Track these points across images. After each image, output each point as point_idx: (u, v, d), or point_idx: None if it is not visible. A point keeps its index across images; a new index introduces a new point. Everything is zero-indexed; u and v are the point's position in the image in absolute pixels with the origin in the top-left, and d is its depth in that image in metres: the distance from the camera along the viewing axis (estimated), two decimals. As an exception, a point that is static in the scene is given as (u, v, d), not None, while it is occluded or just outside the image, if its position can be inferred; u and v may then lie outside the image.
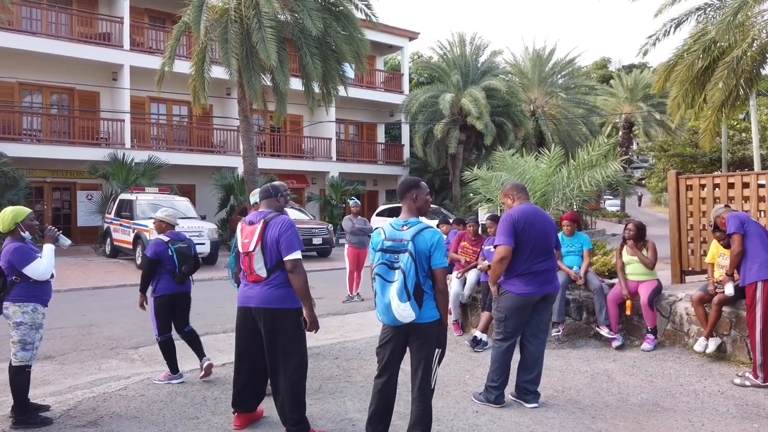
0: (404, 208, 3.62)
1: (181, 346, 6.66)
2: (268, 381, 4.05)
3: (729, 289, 5.35)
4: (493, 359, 4.54)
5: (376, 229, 3.60)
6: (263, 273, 3.79)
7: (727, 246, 5.53)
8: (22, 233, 4.25)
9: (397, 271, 3.35)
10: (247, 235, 3.86)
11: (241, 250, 3.90)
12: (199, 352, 5.29)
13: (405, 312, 3.31)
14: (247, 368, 4.00)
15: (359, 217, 10.06)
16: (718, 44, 10.09)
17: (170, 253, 5.17)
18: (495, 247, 4.56)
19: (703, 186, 7.08)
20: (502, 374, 4.49)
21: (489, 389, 4.51)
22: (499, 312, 4.56)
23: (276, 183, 4.16)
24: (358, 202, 10.41)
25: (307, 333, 3.91)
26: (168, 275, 5.16)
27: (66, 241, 4.51)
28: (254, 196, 5.16)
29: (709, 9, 10.84)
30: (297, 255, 3.75)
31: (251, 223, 3.89)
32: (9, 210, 4.31)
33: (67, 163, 18.71)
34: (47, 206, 19.69)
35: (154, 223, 5.51)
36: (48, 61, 18.49)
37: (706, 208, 6.99)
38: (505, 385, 4.52)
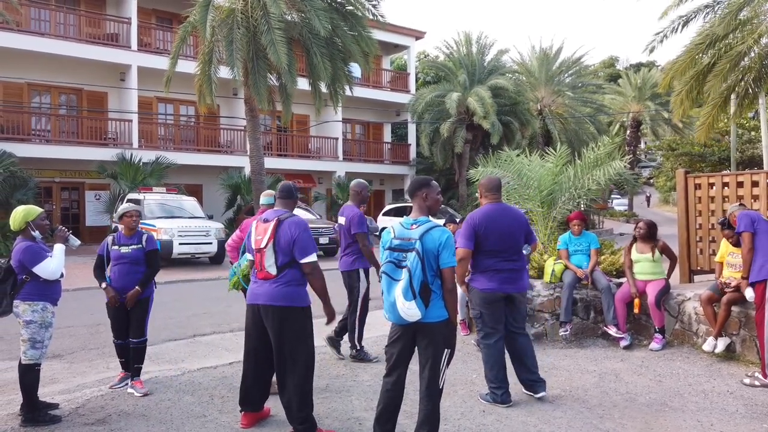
0: (414, 207, 3.63)
1: (187, 347, 6.71)
2: (274, 379, 4.06)
3: (749, 294, 5.10)
4: (484, 359, 4.57)
5: (384, 228, 3.61)
6: (273, 270, 3.81)
7: (736, 244, 5.49)
8: (32, 232, 4.28)
9: (404, 269, 3.36)
10: (260, 233, 3.90)
11: (253, 247, 3.92)
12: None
13: (410, 311, 3.31)
14: (255, 367, 4.01)
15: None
16: (725, 41, 10.03)
17: None
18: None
19: (711, 185, 7.03)
20: (498, 371, 4.49)
21: (492, 390, 4.51)
22: (474, 309, 4.69)
23: (293, 185, 4.21)
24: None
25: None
26: None
27: (75, 242, 4.54)
28: (265, 197, 5.16)
29: (718, 6, 10.79)
30: (313, 258, 3.79)
31: (266, 221, 3.92)
32: (20, 209, 4.34)
33: (76, 163, 18.83)
34: (56, 206, 19.82)
35: (132, 218, 4.95)
36: (56, 62, 18.60)
37: (714, 207, 6.94)
38: (506, 383, 4.51)
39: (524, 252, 4.73)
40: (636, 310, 6.12)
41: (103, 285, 4.88)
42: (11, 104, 18.66)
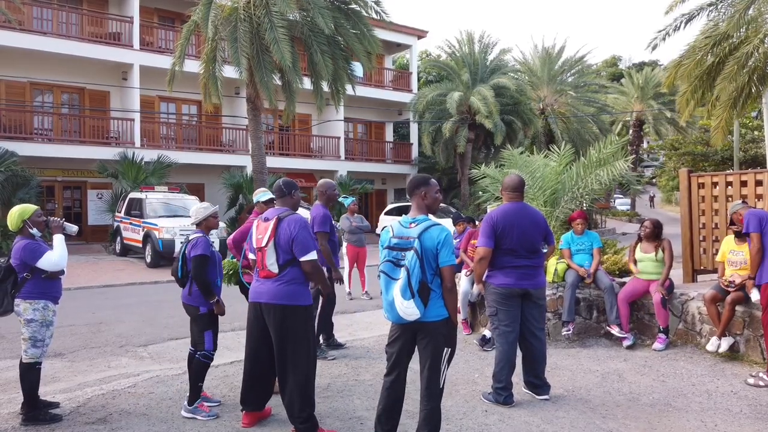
0: (413, 206, 3.61)
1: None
2: (275, 379, 4.04)
3: (755, 296, 5.15)
4: (497, 359, 4.53)
5: (384, 227, 3.59)
6: (275, 269, 3.80)
7: (741, 237, 5.46)
8: (30, 230, 4.27)
9: (402, 268, 3.34)
10: (261, 232, 3.89)
11: (254, 246, 3.91)
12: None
13: (408, 310, 3.29)
14: (257, 366, 3.99)
15: (356, 215, 10.15)
16: (729, 40, 9.99)
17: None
18: (476, 247, 4.62)
19: (715, 184, 6.99)
20: (509, 372, 4.47)
21: (497, 391, 4.48)
22: (490, 307, 4.65)
23: (287, 180, 4.14)
24: (354, 199, 10.56)
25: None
26: None
27: (73, 227, 4.48)
28: (258, 195, 5.14)
29: (721, 4, 10.75)
30: (312, 256, 3.77)
31: (266, 219, 3.91)
32: (15, 209, 4.32)
33: (78, 162, 18.84)
34: (58, 205, 19.85)
35: (217, 218, 4.70)
36: (59, 61, 18.61)
37: (718, 206, 6.91)
38: (511, 384, 4.49)
39: (543, 251, 4.72)
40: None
41: (216, 299, 4.38)
42: (14, 103, 18.67)
